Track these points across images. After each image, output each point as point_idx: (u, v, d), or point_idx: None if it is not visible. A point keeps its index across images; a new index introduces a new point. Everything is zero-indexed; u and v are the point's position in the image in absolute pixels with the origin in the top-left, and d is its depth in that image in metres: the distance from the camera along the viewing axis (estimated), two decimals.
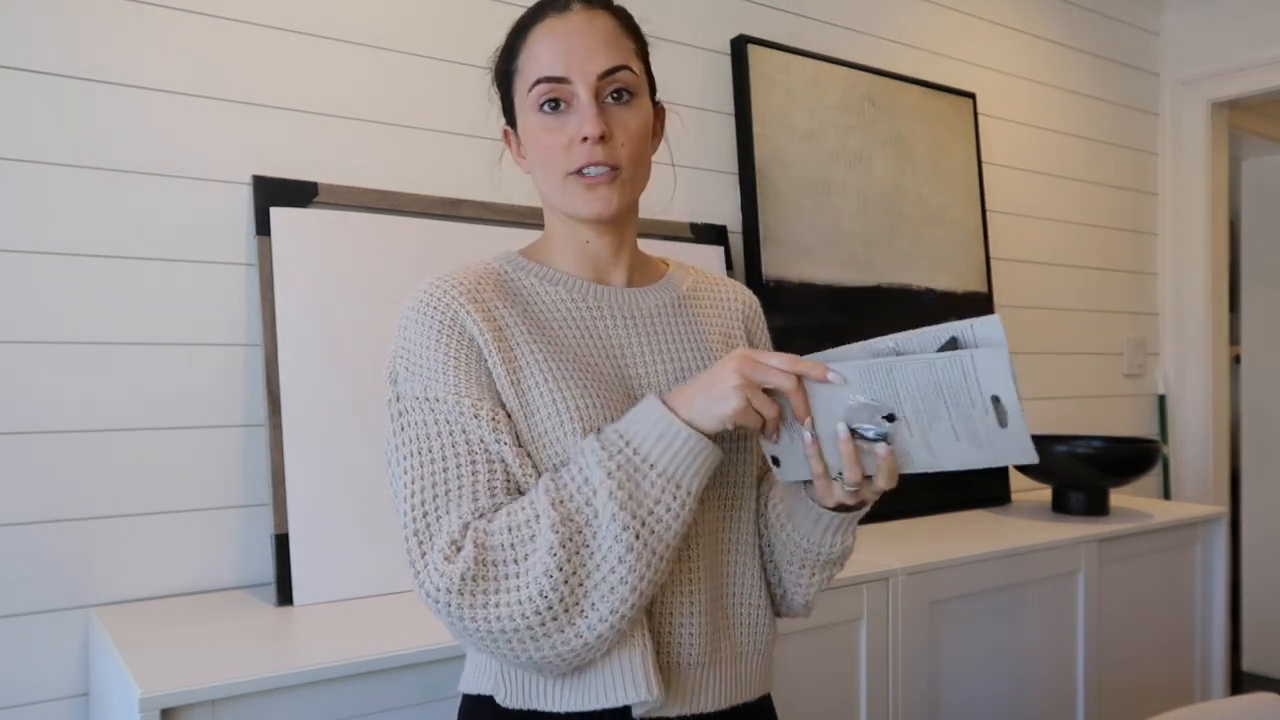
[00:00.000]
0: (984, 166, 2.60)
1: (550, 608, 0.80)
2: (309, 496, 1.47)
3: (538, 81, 0.90)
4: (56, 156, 1.42)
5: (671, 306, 1.00)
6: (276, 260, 1.51)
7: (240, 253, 1.55)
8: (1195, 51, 3.05)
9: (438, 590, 0.81)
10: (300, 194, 1.56)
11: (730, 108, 2.12)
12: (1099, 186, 2.95)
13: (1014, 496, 2.55)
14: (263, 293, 1.50)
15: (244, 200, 1.56)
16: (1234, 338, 3.67)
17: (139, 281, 1.47)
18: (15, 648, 1.37)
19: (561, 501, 0.82)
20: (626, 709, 0.88)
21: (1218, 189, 3.07)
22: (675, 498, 0.82)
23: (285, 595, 1.44)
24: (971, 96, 2.53)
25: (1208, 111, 3.03)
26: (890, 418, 0.81)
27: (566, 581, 0.80)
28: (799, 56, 2.17)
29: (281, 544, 1.45)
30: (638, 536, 0.81)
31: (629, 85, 0.92)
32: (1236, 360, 3.82)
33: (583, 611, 0.81)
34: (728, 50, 2.12)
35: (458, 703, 1.00)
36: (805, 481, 0.92)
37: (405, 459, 0.87)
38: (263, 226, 1.52)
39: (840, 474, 0.86)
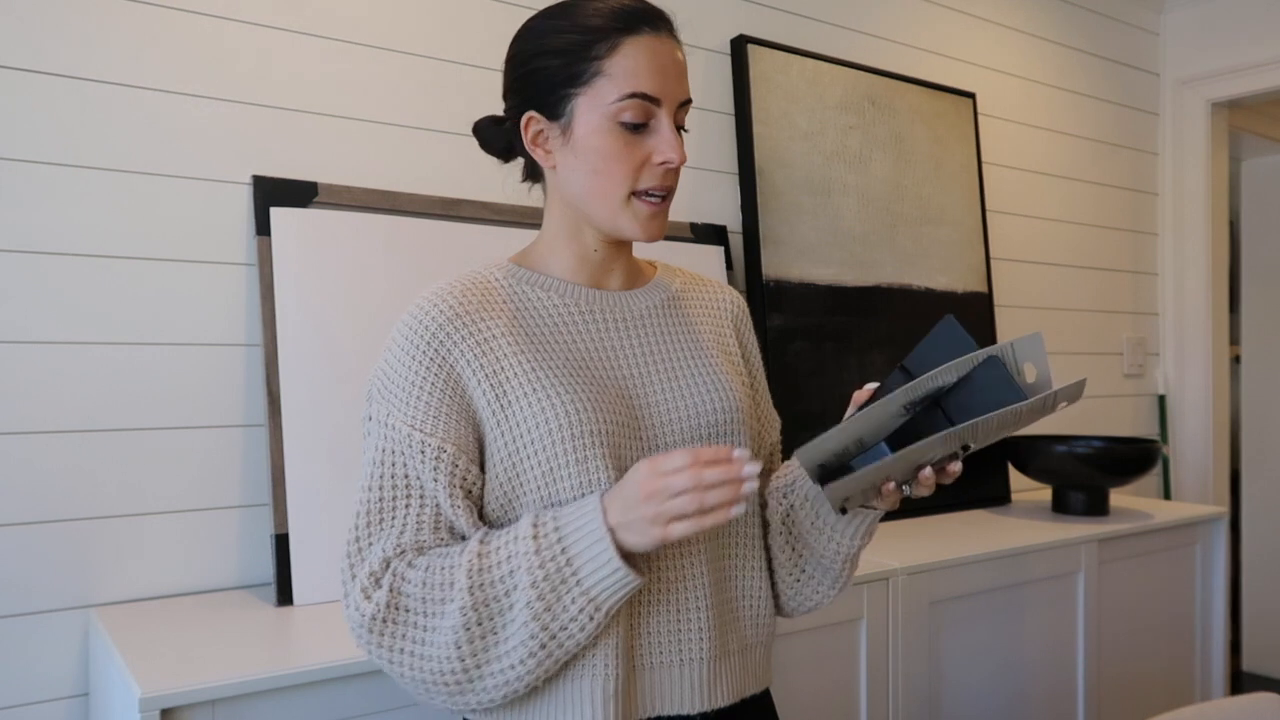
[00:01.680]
0: (984, 166, 2.60)
1: (444, 675, 0.83)
2: (309, 496, 1.47)
3: (632, 95, 0.89)
4: (56, 156, 1.42)
5: (662, 307, 1.01)
6: (276, 260, 1.51)
7: (240, 253, 1.55)
8: (1195, 51, 3.05)
9: (355, 623, 0.85)
10: (300, 194, 1.56)
11: (730, 108, 2.12)
12: (1099, 186, 2.95)
13: (1014, 496, 2.55)
14: (263, 293, 1.50)
15: (244, 200, 1.56)
16: (1234, 338, 3.68)
17: (139, 281, 1.47)
18: (15, 648, 1.37)
19: (481, 585, 0.83)
20: None
21: (1218, 189, 3.07)
22: (591, 618, 0.83)
23: (285, 595, 1.44)
24: (971, 96, 2.53)
25: (1208, 111, 3.03)
26: (965, 448, 0.87)
27: (463, 660, 0.83)
28: (799, 56, 2.17)
29: (281, 544, 1.45)
30: (543, 646, 0.83)
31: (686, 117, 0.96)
32: (1236, 360, 3.82)
33: (475, 688, 0.84)
34: (728, 50, 2.12)
35: None
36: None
37: (363, 478, 0.90)
38: (263, 226, 1.52)
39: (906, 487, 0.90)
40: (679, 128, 0.93)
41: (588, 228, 0.96)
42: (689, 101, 0.94)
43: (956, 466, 0.89)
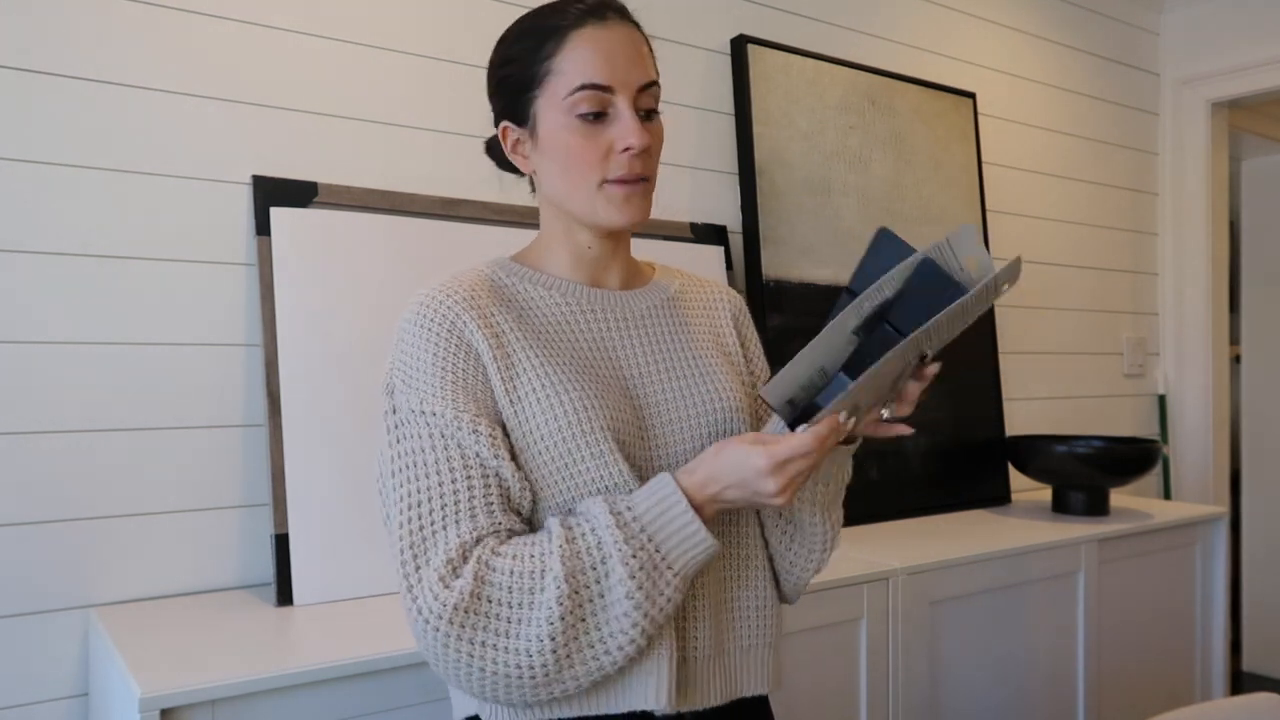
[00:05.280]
0: (984, 166, 2.60)
1: (532, 668, 0.81)
2: (309, 496, 1.47)
3: (582, 87, 0.90)
4: (56, 156, 1.42)
5: (662, 308, 1.02)
6: (276, 260, 1.51)
7: (240, 253, 1.55)
8: (1195, 51, 3.05)
9: (430, 613, 0.81)
10: (300, 194, 1.56)
11: (730, 108, 2.12)
12: (1099, 186, 2.95)
13: (1014, 496, 2.55)
14: (263, 293, 1.50)
15: (244, 200, 1.56)
16: (1234, 338, 3.67)
17: (139, 281, 1.47)
18: (15, 648, 1.37)
19: (573, 574, 0.82)
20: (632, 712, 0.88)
21: (1218, 189, 3.07)
22: (679, 591, 0.85)
23: (285, 595, 1.44)
24: (971, 96, 2.53)
25: (1208, 111, 3.03)
26: (924, 356, 0.87)
27: (555, 651, 0.81)
28: (799, 56, 2.17)
29: (281, 544, 1.45)
30: (643, 632, 0.83)
31: (656, 99, 0.94)
32: (1236, 360, 3.82)
33: (564, 676, 0.82)
34: (728, 50, 2.12)
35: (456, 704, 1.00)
36: None
37: (400, 472, 0.87)
38: (263, 226, 1.52)
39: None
40: (649, 111, 0.93)
41: (578, 226, 0.96)
42: (652, 84, 0.93)
43: (932, 369, 0.90)
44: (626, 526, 0.83)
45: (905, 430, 0.92)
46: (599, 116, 0.91)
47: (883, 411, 0.90)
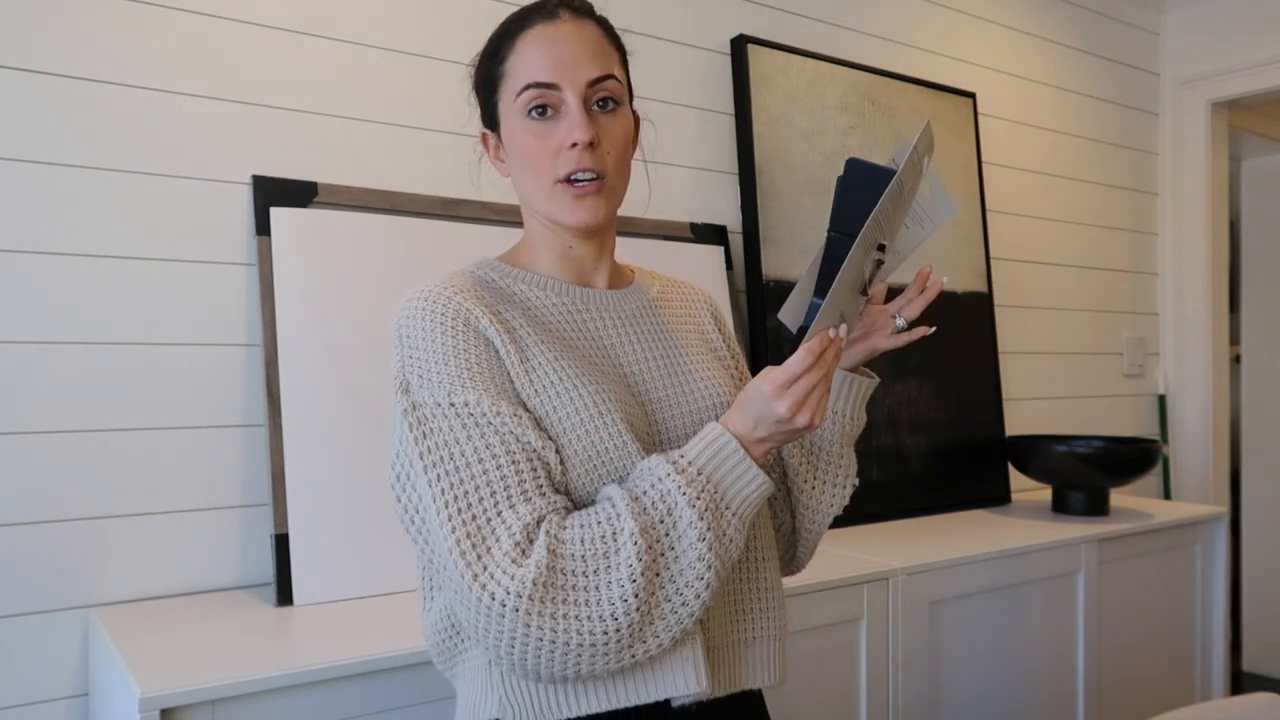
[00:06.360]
0: (984, 166, 2.60)
1: (618, 629, 0.80)
2: (309, 496, 1.47)
3: (527, 86, 0.91)
4: (56, 156, 1.42)
5: (648, 308, 1.03)
6: (276, 260, 1.51)
7: (240, 253, 1.55)
8: (1195, 51, 3.05)
9: (507, 594, 0.79)
10: (300, 194, 1.56)
11: (730, 108, 2.12)
12: (1099, 186, 2.95)
13: (1014, 496, 2.55)
14: (263, 293, 1.50)
15: (244, 200, 1.56)
16: (1234, 338, 3.68)
17: (139, 281, 1.47)
18: (15, 648, 1.37)
19: (646, 528, 0.82)
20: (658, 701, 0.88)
21: (1218, 189, 3.07)
22: (740, 533, 0.85)
23: (285, 595, 1.44)
24: (971, 96, 2.53)
25: (1208, 111, 3.03)
26: (882, 247, 0.94)
27: (639, 609, 0.81)
28: (799, 56, 2.17)
29: (281, 544, 1.45)
30: (716, 574, 0.83)
31: (614, 94, 0.94)
32: (1236, 360, 3.82)
33: (645, 634, 0.82)
34: (728, 50, 2.12)
35: (457, 704, 1.00)
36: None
37: (435, 467, 0.84)
38: (263, 226, 1.52)
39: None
40: (606, 100, 0.93)
41: (556, 225, 0.97)
42: (607, 77, 0.93)
43: (940, 282, 1.03)
44: (685, 472, 0.84)
45: (926, 331, 1.02)
46: (544, 112, 0.92)
47: (897, 320, 1.02)
